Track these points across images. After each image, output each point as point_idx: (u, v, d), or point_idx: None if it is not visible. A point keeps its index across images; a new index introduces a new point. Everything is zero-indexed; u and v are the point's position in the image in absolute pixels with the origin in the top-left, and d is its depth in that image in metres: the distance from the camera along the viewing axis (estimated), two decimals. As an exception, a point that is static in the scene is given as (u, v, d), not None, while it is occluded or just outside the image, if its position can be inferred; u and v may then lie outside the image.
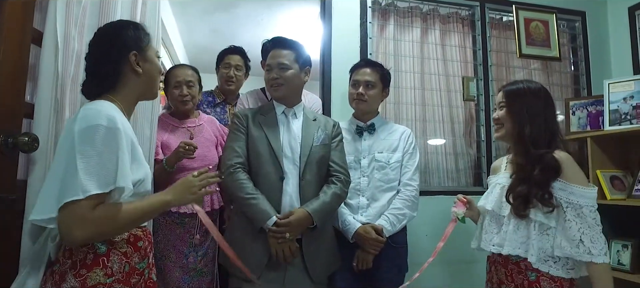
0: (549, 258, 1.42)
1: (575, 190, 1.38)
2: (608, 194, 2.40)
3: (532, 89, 1.55)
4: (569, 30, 3.03)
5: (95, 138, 1.02)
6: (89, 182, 0.98)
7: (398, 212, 1.94)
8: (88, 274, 1.04)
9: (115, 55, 1.18)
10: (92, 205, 0.99)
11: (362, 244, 1.88)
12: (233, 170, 1.69)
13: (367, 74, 2.03)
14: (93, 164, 1.00)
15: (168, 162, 1.92)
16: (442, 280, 2.49)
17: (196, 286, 1.97)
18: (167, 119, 2.11)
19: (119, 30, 1.22)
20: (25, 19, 1.27)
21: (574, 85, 2.97)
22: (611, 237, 2.44)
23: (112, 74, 1.18)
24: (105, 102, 1.13)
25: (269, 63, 1.81)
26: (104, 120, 1.04)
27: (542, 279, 1.42)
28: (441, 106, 2.72)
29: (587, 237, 1.34)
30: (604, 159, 2.50)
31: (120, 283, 1.08)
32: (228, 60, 2.50)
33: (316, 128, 1.82)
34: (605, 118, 2.47)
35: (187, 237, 1.98)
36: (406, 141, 2.07)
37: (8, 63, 1.20)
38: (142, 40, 1.24)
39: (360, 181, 2.00)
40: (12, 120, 1.24)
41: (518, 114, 1.52)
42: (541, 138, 1.47)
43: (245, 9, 4.04)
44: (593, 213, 1.38)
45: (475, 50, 2.79)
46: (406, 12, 2.73)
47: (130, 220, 1.09)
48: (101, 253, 1.07)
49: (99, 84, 1.18)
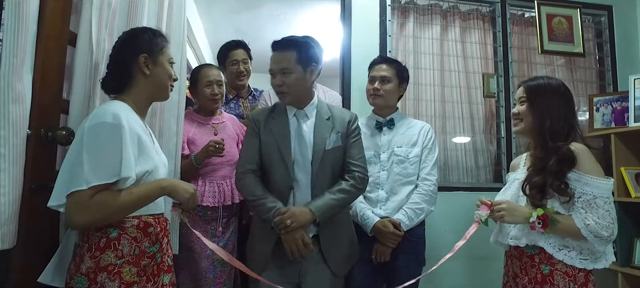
0: (563, 247, 1.43)
1: (590, 181, 1.39)
2: (632, 192, 2.36)
3: (552, 85, 1.57)
4: (594, 25, 2.97)
5: (100, 134, 1.14)
6: (91, 174, 1.10)
7: (416, 207, 1.97)
8: (101, 256, 1.17)
9: (127, 56, 1.30)
10: (92, 194, 1.11)
11: (380, 238, 1.92)
12: (242, 176, 1.72)
13: (382, 70, 2.07)
14: (97, 157, 1.12)
15: (197, 158, 2.00)
16: (460, 276, 2.50)
17: (218, 275, 2.05)
18: (193, 116, 2.21)
19: (136, 34, 1.34)
20: (63, 22, 1.37)
21: (600, 81, 2.92)
22: (636, 235, 2.40)
23: (123, 73, 1.30)
24: (116, 102, 1.26)
25: (271, 68, 1.72)
26: (110, 117, 1.15)
27: (555, 273, 1.43)
28: (461, 103, 2.73)
29: (594, 221, 1.36)
30: (629, 156, 2.46)
31: (129, 264, 1.19)
32: (234, 56, 2.53)
33: (329, 129, 1.75)
34: (630, 114, 2.43)
35: (209, 229, 2.05)
36: (425, 136, 2.09)
37: (48, 64, 1.29)
38: (157, 44, 1.35)
39: (379, 175, 2.04)
40: (51, 116, 1.33)
41: (538, 109, 1.53)
42: (560, 132, 1.48)
43: (268, 8, 4.13)
44: (606, 205, 1.38)
45: (495, 46, 2.78)
46: (426, 9, 2.75)
47: (127, 205, 1.18)
48: (113, 238, 1.18)
49: (113, 81, 1.31)
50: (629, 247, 2.39)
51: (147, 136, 1.29)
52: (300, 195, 1.71)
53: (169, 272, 1.33)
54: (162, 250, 1.29)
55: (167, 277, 1.31)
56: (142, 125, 1.30)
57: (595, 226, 1.35)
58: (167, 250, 1.34)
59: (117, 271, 1.17)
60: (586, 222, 1.36)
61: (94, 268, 1.15)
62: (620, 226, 2.40)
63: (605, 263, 1.44)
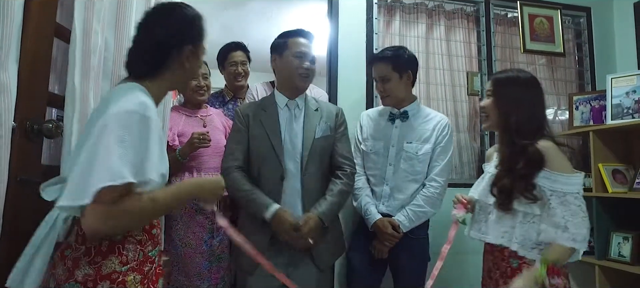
0: (536, 246, 1.42)
1: (559, 179, 1.38)
2: (610, 187, 2.44)
3: (521, 78, 1.53)
4: (574, 26, 3.05)
5: (131, 124, 0.96)
6: (125, 169, 0.92)
7: (418, 209, 1.94)
8: (103, 262, 1.00)
9: (172, 42, 1.12)
10: (118, 194, 0.93)
11: (379, 236, 1.95)
12: (228, 171, 1.74)
13: (378, 69, 2.03)
14: (129, 150, 0.94)
15: (182, 152, 1.99)
16: (445, 271, 2.51)
17: (215, 271, 2.04)
18: (181, 109, 2.21)
19: (189, 19, 1.17)
20: (49, 13, 1.35)
21: (579, 80, 3.00)
22: (612, 229, 2.48)
23: (161, 60, 1.12)
24: (138, 88, 1.07)
25: (303, 51, 1.81)
26: (140, 107, 0.99)
27: (524, 266, 1.42)
28: (446, 100, 2.77)
29: (572, 224, 1.35)
30: (606, 153, 2.54)
31: (134, 271, 1.04)
32: (233, 58, 2.56)
33: (318, 119, 1.83)
34: (607, 112, 2.51)
35: (206, 223, 2.04)
36: (440, 132, 2.00)
37: (34, 55, 1.27)
38: (201, 35, 1.20)
39: (386, 169, 2.01)
40: (37, 109, 1.31)
41: (504, 103, 1.50)
42: (526, 128, 1.45)
43: (255, 6, 4.12)
44: (577, 201, 1.38)
45: (480, 45, 2.84)
46: (412, 8, 2.79)
47: (160, 212, 1.07)
48: (117, 241, 1.03)
49: (144, 65, 1.12)
50: (605, 241, 2.47)
51: (162, 131, 1.18)
52: (289, 184, 1.75)
53: (162, 274, 1.22)
54: (159, 253, 1.18)
55: (161, 281, 1.21)
56: (158, 119, 1.15)
57: (574, 230, 1.33)
58: (161, 251, 1.23)
59: (121, 279, 1.01)
60: (571, 232, 1.33)
61: (93, 276, 0.99)
62: (597, 220, 2.50)
63: (577, 256, 1.43)
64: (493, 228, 1.48)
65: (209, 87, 2.23)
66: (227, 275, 2.08)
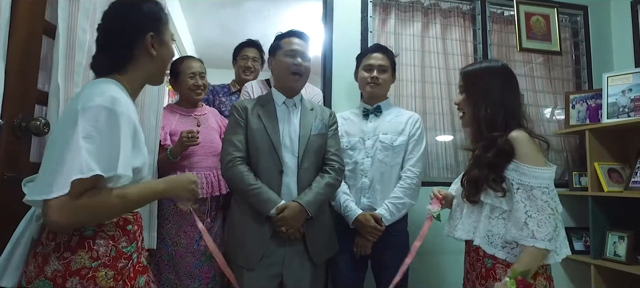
0: (507, 244, 1.34)
1: (526, 171, 1.30)
2: (605, 186, 2.43)
3: (491, 68, 1.46)
4: (570, 24, 3.04)
5: (97, 118, 0.96)
6: (92, 161, 0.92)
7: (397, 201, 1.97)
8: (72, 257, 0.99)
9: (130, 33, 1.12)
10: (84, 188, 0.93)
11: (361, 231, 1.94)
12: (232, 164, 1.74)
13: (380, 58, 2.10)
14: (96, 146, 0.94)
15: (173, 152, 1.98)
16: (430, 272, 2.49)
17: (206, 270, 2.04)
18: (175, 109, 2.20)
19: (138, 6, 1.14)
20: (38, 10, 1.35)
21: (576, 79, 2.99)
22: (608, 228, 2.47)
23: (124, 53, 1.12)
24: (110, 82, 1.08)
25: (294, 49, 1.83)
26: (108, 101, 0.98)
27: (497, 266, 1.35)
28: (441, 99, 2.76)
29: (534, 220, 1.27)
30: (602, 152, 2.53)
31: (106, 267, 1.02)
32: (245, 52, 2.66)
33: (314, 117, 1.88)
34: (603, 111, 2.50)
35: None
36: (413, 126, 2.07)
37: (22, 53, 1.28)
38: (161, 20, 1.18)
39: (363, 162, 2.03)
40: (25, 106, 1.31)
41: (473, 97, 1.43)
42: (497, 119, 1.37)
43: (253, 4, 4.12)
44: (545, 196, 1.29)
45: (475, 44, 2.83)
46: (407, 6, 2.78)
47: (120, 208, 1.04)
48: (87, 236, 1.01)
49: (109, 62, 1.12)
50: (601, 240, 2.46)
51: (139, 125, 1.12)
52: (287, 179, 1.78)
53: (145, 272, 1.18)
54: (138, 249, 1.14)
55: (143, 278, 1.16)
56: (136, 112, 1.12)
57: (534, 227, 1.25)
58: (142, 249, 1.20)
59: (92, 275, 0.99)
60: (531, 228, 1.26)
61: (62, 272, 0.97)
62: (593, 220, 2.49)
63: (557, 259, 1.34)
64: (462, 223, 1.44)
65: (205, 86, 2.23)
66: (217, 274, 2.07)
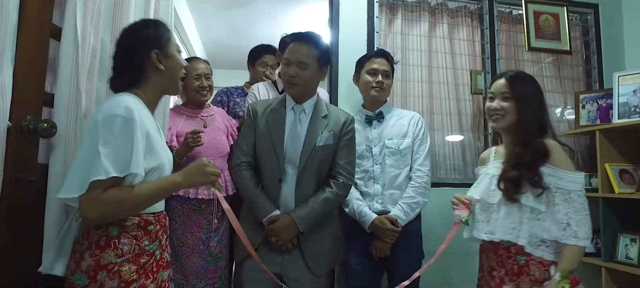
0: (541, 243, 1.45)
1: (563, 176, 1.43)
2: (616, 188, 2.39)
3: (531, 77, 1.60)
4: (581, 23, 3.00)
5: (113, 126, 1.14)
6: (109, 165, 1.11)
7: (411, 201, 2.00)
8: (101, 254, 1.17)
9: (138, 54, 1.28)
10: (104, 188, 1.12)
11: (378, 234, 1.96)
12: (238, 169, 1.77)
13: (384, 64, 2.13)
14: (112, 149, 1.12)
15: (179, 153, 1.99)
16: (437, 273, 2.46)
17: (212, 270, 2.05)
18: (182, 110, 2.22)
19: (140, 30, 1.31)
20: (45, 13, 1.36)
21: (586, 78, 2.95)
22: (619, 230, 2.43)
23: (136, 71, 1.29)
24: (127, 94, 1.24)
25: (287, 57, 1.74)
26: (122, 110, 1.15)
27: (531, 263, 1.46)
28: (449, 99, 2.74)
29: (574, 221, 1.40)
30: (613, 152, 2.49)
31: (129, 263, 1.20)
32: (265, 59, 2.65)
33: (323, 127, 1.78)
34: (614, 111, 2.46)
35: (204, 223, 2.05)
36: (415, 126, 2.11)
37: (30, 56, 1.29)
38: (163, 37, 1.33)
39: (373, 169, 2.06)
40: (33, 108, 1.33)
41: (521, 101, 1.53)
42: (535, 126, 1.51)
43: (260, 5, 4.13)
44: (581, 199, 1.43)
45: (483, 44, 2.80)
46: (414, 6, 2.76)
47: (141, 200, 1.20)
48: (113, 236, 1.19)
49: (124, 81, 1.29)
50: (612, 242, 2.42)
51: (156, 132, 1.29)
52: (287, 188, 1.75)
53: (168, 267, 1.35)
54: (161, 247, 1.31)
55: (166, 272, 1.34)
56: (152, 120, 1.30)
57: (576, 227, 1.38)
58: (166, 246, 1.36)
59: (117, 270, 1.17)
60: (573, 229, 1.39)
61: (93, 267, 1.16)
62: (604, 222, 2.46)
63: None
64: (501, 225, 1.50)
65: (211, 87, 2.24)
66: (224, 275, 2.08)
